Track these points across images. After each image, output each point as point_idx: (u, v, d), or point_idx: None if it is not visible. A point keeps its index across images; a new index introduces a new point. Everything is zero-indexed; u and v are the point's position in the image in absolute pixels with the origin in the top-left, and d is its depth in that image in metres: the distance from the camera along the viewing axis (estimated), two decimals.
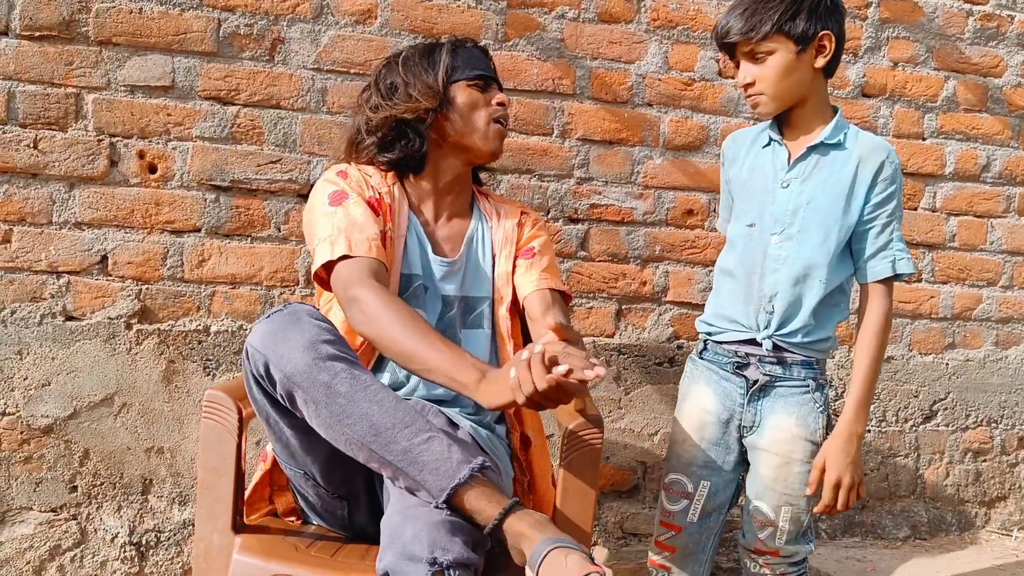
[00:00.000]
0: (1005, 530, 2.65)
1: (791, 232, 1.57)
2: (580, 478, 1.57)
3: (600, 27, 2.29)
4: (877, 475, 2.54)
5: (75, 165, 2.01)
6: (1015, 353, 2.65)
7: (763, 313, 1.59)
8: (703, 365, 1.69)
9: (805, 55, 1.53)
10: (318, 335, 1.33)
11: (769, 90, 1.55)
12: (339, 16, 2.13)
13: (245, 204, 2.10)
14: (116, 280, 2.04)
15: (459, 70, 1.67)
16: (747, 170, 1.66)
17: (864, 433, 1.57)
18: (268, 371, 1.34)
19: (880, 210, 1.56)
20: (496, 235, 1.73)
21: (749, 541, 1.66)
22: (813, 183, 1.57)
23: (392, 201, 1.65)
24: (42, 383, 2.01)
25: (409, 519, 1.26)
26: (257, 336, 1.36)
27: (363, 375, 1.34)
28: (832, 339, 1.63)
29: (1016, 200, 2.63)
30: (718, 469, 1.65)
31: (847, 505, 1.54)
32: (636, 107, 2.33)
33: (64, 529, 2.03)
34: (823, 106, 1.61)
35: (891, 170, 1.56)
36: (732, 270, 1.65)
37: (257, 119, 2.10)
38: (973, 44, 2.56)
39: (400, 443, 1.29)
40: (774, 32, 1.51)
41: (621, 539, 2.35)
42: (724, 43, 1.58)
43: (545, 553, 1.20)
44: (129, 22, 2.02)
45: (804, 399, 1.60)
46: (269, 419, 1.42)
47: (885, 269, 1.56)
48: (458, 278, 1.67)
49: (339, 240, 1.52)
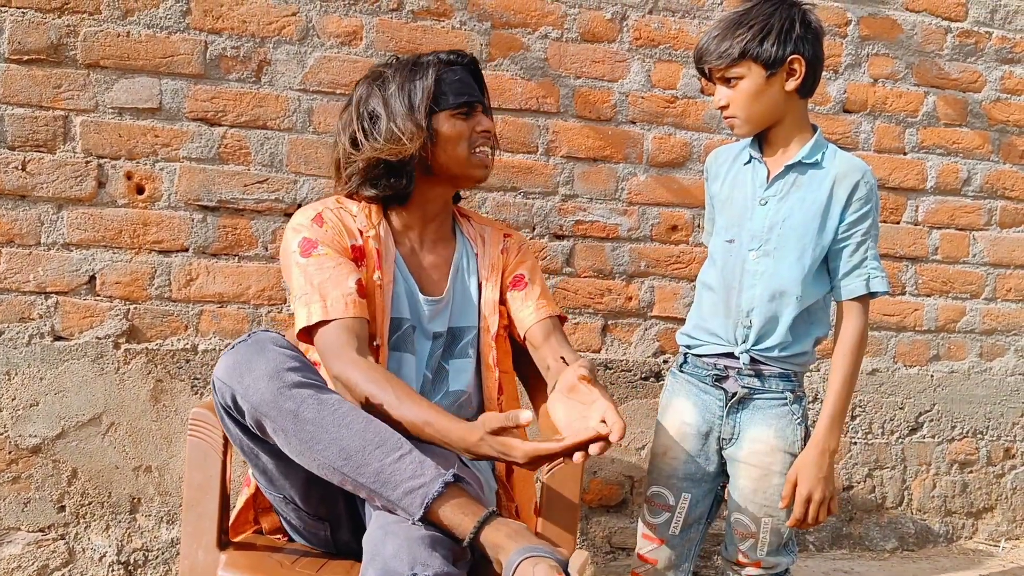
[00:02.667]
0: (993, 541, 2.66)
1: (768, 248, 1.60)
2: (563, 492, 1.59)
3: (583, 46, 2.33)
4: (864, 487, 2.56)
5: (63, 187, 2.03)
6: (999, 364, 2.68)
7: (741, 328, 1.61)
8: (683, 378, 1.70)
9: (776, 79, 1.56)
10: (282, 363, 1.34)
11: (741, 113, 1.58)
12: (325, 38, 2.16)
13: (232, 224, 2.12)
14: (104, 300, 2.06)
15: (443, 98, 1.61)
16: (728, 186, 1.69)
17: (837, 449, 1.58)
18: (236, 402, 1.35)
19: (854, 229, 1.58)
20: (482, 262, 1.72)
21: (731, 553, 1.68)
22: (790, 201, 1.60)
23: (379, 245, 1.62)
24: (30, 403, 2.02)
25: (389, 535, 1.27)
26: (222, 368, 1.36)
27: (330, 399, 1.34)
28: (810, 353, 1.65)
29: (997, 213, 2.66)
30: (699, 481, 1.67)
31: (817, 520, 1.56)
32: (620, 124, 2.36)
33: (52, 549, 2.04)
34: (801, 125, 1.63)
35: (866, 190, 1.58)
36: (712, 284, 1.67)
37: (244, 140, 2.12)
38: (952, 60, 2.60)
39: (371, 464, 1.30)
40: (742, 58, 1.54)
41: (609, 553, 2.36)
42: (698, 68, 1.62)
43: (517, 564, 1.21)
44: (116, 45, 2.04)
45: (782, 411, 1.62)
46: (244, 447, 1.43)
47: (859, 287, 1.58)
48: (446, 313, 1.67)
49: (314, 301, 1.50)
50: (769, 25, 1.54)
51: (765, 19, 1.54)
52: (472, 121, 1.64)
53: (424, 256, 1.68)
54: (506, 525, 1.29)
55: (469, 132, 1.63)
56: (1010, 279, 2.68)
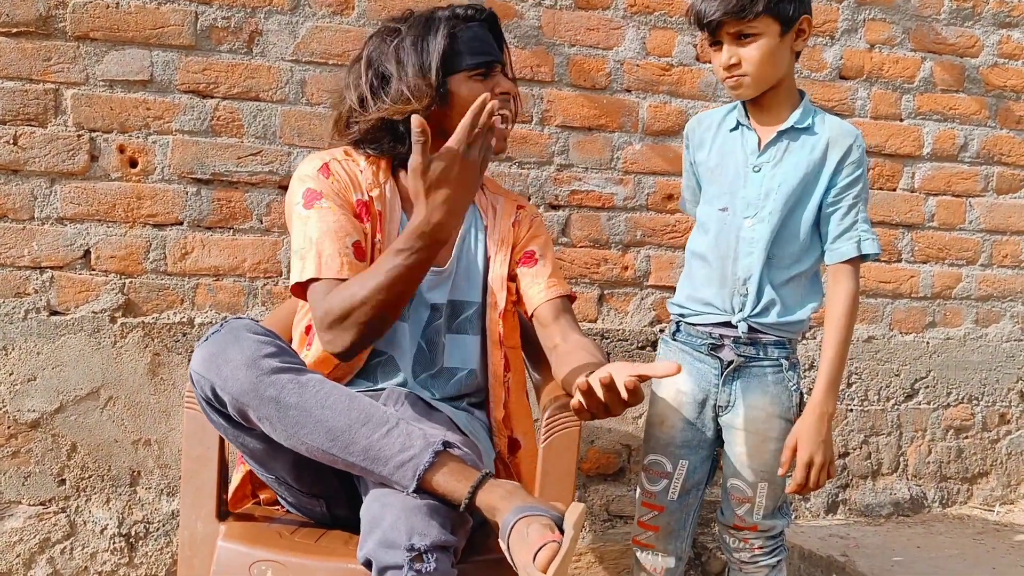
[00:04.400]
0: (987, 506, 2.68)
1: (763, 215, 1.59)
2: (559, 461, 1.59)
3: (577, 14, 2.31)
4: (860, 454, 2.58)
5: (56, 161, 2.02)
6: (995, 331, 2.68)
7: (737, 296, 1.62)
8: (676, 347, 1.71)
9: (787, 38, 1.55)
10: (258, 350, 1.32)
11: (753, 71, 1.55)
12: (316, 7, 2.14)
13: (226, 196, 2.11)
14: (100, 274, 2.05)
15: (459, 57, 1.54)
16: (716, 154, 1.68)
17: (835, 412, 1.59)
18: (216, 394, 1.33)
19: (846, 193, 1.58)
20: (492, 236, 1.68)
21: (728, 518, 1.69)
22: (784, 167, 1.59)
23: (383, 206, 1.58)
24: (28, 378, 2.02)
25: (387, 507, 1.27)
26: (198, 361, 1.34)
27: (311, 380, 1.33)
28: (805, 321, 1.65)
29: (994, 179, 2.66)
30: (695, 448, 1.68)
31: (819, 484, 1.57)
32: (615, 93, 2.35)
33: (53, 522, 2.05)
34: (792, 90, 1.63)
35: (858, 154, 1.59)
36: (705, 254, 1.67)
37: (236, 112, 2.11)
38: (949, 24, 2.58)
39: (359, 443, 1.30)
40: (764, 13, 1.52)
41: (607, 521, 2.38)
42: (709, 22, 1.55)
43: (512, 524, 1.22)
44: (106, 17, 2.02)
45: (777, 378, 1.62)
46: (229, 435, 1.42)
47: (850, 250, 1.58)
48: (447, 284, 1.64)
49: (309, 255, 1.47)
50: None
51: None
52: (490, 82, 1.58)
53: None
54: (500, 486, 1.29)
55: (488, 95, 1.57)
56: (1006, 245, 2.68)
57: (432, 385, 1.62)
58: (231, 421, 1.38)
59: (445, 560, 1.24)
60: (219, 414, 1.38)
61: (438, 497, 1.29)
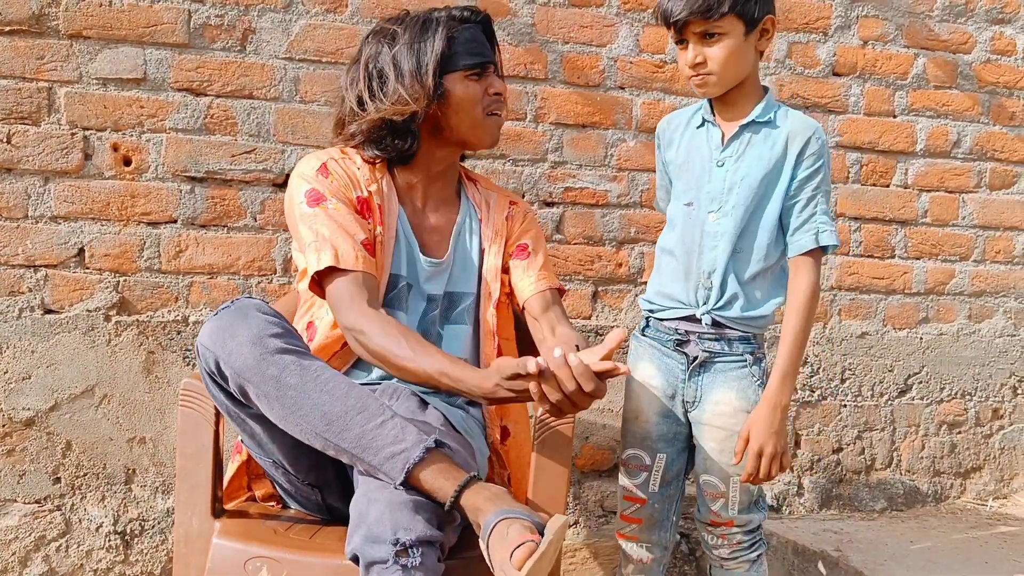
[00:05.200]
0: (980, 500, 2.70)
1: (726, 209, 1.61)
2: (552, 460, 1.61)
3: (571, 11, 2.31)
4: (853, 449, 2.58)
5: (49, 159, 2.02)
6: (988, 326, 2.69)
7: (702, 289, 1.63)
8: (646, 342, 1.72)
9: (751, 37, 1.58)
10: (265, 329, 1.34)
11: (718, 70, 1.57)
12: (310, 5, 2.14)
13: (220, 194, 2.11)
14: (94, 272, 2.06)
15: (456, 58, 1.58)
16: (684, 151, 1.70)
17: (788, 404, 1.59)
18: (220, 368, 1.35)
19: (806, 185, 1.60)
20: (486, 229, 1.71)
21: (704, 515, 1.71)
22: (746, 161, 1.61)
23: (382, 200, 1.61)
24: (22, 376, 2.02)
25: (373, 501, 1.28)
26: (206, 333, 1.37)
27: (313, 365, 1.35)
28: (770, 316, 1.66)
29: (987, 175, 2.67)
30: (671, 440, 1.70)
31: (769, 475, 1.58)
32: (608, 90, 2.35)
33: (49, 520, 2.05)
34: (756, 86, 1.65)
35: (817, 146, 1.60)
36: (672, 249, 1.69)
37: (230, 110, 2.11)
38: (942, 21, 2.59)
39: (353, 430, 1.31)
40: (729, 12, 1.53)
41: (601, 517, 2.38)
42: (675, 21, 1.57)
43: (493, 525, 1.23)
44: (99, 15, 2.02)
45: (742, 373, 1.63)
46: (230, 413, 1.44)
47: (808, 242, 1.59)
48: (444, 276, 1.67)
49: (324, 248, 1.50)
50: None
51: None
52: (485, 82, 1.63)
53: (427, 216, 1.68)
54: (486, 489, 1.31)
55: (482, 94, 1.62)
56: (999, 241, 2.69)
57: None
58: (232, 398, 1.40)
59: (431, 555, 1.25)
60: (221, 390, 1.40)
61: (424, 493, 1.30)
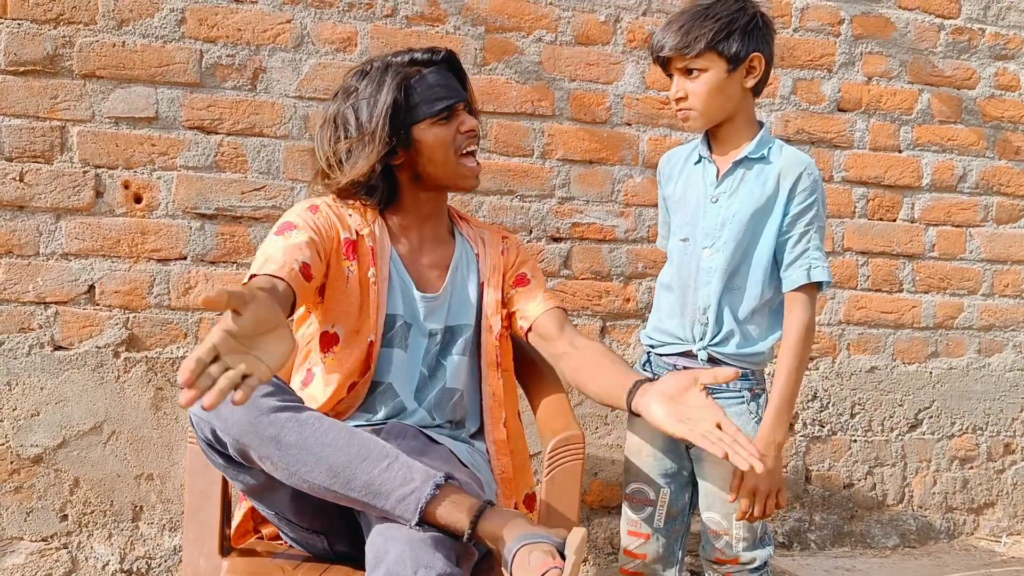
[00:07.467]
0: (994, 536, 2.67)
1: (719, 245, 1.61)
2: (563, 495, 1.59)
3: (577, 49, 2.33)
4: (864, 484, 2.56)
5: (61, 197, 2.04)
6: (998, 360, 2.68)
7: (698, 325, 1.63)
8: None
9: (736, 74, 1.58)
10: (256, 390, 1.29)
11: (699, 106, 1.58)
12: (319, 44, 2.17)
13: (230, 231, 2.13)
14: (103, 309, 2.06)
15: (417, 109, 1.56)
16: (681, 187, 1.71)
17: (783, 442, 1.58)
18: (217, 436, 1.34)
19: (798, 220, 1.60)
20: (484, 263, 1.72)
21: (709, 552, 1.69)
22: (740, 196, 1.62)
23: (375, 243, 1.61)
24: (31, 413, 2.02)
25: (391, 540, 1.27)
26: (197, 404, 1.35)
27: (310, 418, 1.34)
28: (768, 353, 1.65)
29: (993, 209, 2.67)
30: (675, 475, 1.68)
31: (764, 513, 1.56)
32: (615, 127, 2.37)
33: (55, 558, 2.04)
34: (750, 122, 1.66)
35: (809, 181, 1.60)
36: (670, 284, 1.69)
37: (240, 147, 2.13)
38: (946, 57, 2.61)
39: (360, 478, 1.30)
40: (707, 50, 1.55)
41: (611, 555, 2.36)
42: (659, 57, 1.61)
43: (515, 552, 1.22)
44: (112, 55, 2.05)
45: (740, 409, 1.62)
46: (230, 475, 1.43)
47: (800, 277, 1.59)
48: (443, 311, 1.67)
49: (257, 263, 1.47)
50: (735, 21, 1.56)
51: (730, 15, 1.56)
52: (454, 123, 1.60)
53: (422, 255, 1.69)
54: (500, 515, 1.29)
55: (452, 136, 1.59)
56: (1007, 275, 2.68)
57: (434, 409, 1.64)
58: (232, 461, 1.38)
59: None
60: (220, 455, 1.38)
61: (441, 529, 1.29)
